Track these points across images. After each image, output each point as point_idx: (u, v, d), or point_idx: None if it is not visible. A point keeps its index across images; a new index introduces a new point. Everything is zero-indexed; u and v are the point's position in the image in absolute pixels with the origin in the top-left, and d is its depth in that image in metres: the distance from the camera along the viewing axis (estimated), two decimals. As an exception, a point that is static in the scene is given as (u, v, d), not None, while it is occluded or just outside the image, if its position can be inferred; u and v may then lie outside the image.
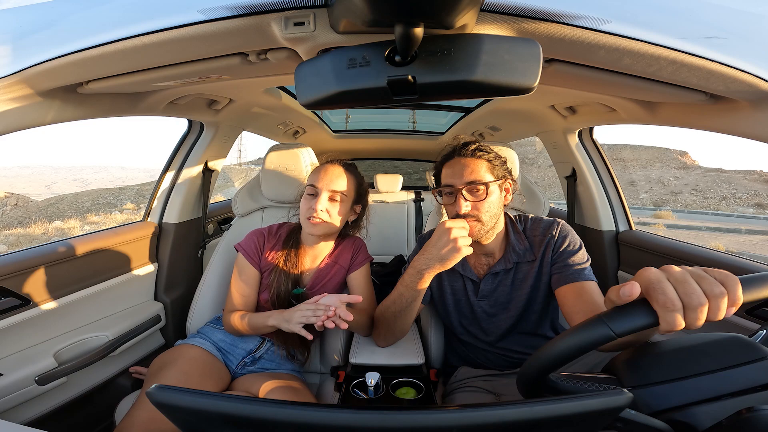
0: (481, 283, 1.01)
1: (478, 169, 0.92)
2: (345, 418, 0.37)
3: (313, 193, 1.05)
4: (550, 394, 0.53)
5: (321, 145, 2.62)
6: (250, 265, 1.09)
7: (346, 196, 1.08)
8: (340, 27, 0.59)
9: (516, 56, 0.52)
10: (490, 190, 0.91)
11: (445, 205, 0.97)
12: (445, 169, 0.97)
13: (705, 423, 0.46)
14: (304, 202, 1.06)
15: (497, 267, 0.99)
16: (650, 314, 0.43)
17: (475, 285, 1.02)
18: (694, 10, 0.59)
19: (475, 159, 0.93)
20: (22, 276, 1.04)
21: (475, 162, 0.93)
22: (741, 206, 22.44)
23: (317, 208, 1.02)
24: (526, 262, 0.98)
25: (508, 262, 0.99)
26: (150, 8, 0.63)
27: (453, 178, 0.93)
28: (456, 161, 0.94)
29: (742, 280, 0.43)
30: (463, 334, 1.08)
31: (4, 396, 0.94)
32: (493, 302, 1.01)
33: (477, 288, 1.01)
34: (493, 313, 1.01)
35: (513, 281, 1.00)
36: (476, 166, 0.92)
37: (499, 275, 1.00)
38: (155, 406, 0.40)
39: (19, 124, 0.81)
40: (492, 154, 0.95)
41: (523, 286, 0.98)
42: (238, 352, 1.10)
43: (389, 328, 1.00)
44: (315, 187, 1.05)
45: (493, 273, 1.00)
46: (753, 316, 0.98)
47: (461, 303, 1.05)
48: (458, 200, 0.90)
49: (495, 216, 0.94)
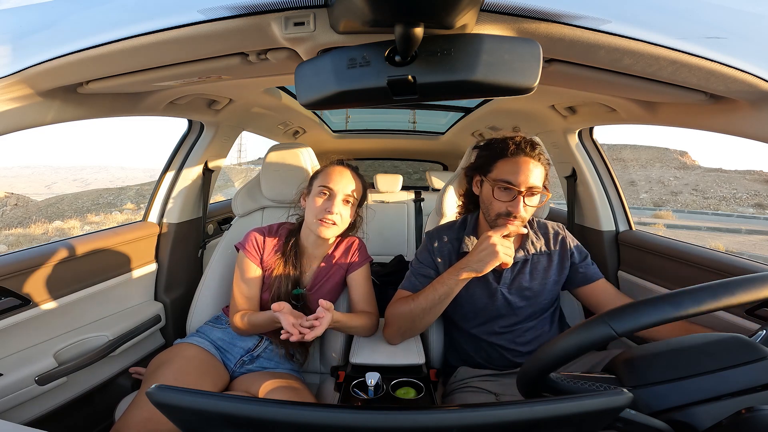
0: (504, 272, 1.02)
1: (541, 175, 0.93)
2: (345, 418, 0.37)
3: (326, 193, 1.04)
4: (550, 393, 0.53)
5: (321, 145, 2.62)
6: (253, 263, 1.09)
7: (356, 199, 1.09)
8: (340, 27, 0.59)
9: (516, 56, 0.52)
10: (542, 199, 0.95)
11: (497, 198, 0.94)
12: (505, 163, 0.94)
13: (705, 423, 0.46)
14: (316, 201, 1.04)
15: (518, 256, 1.01)
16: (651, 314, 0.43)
17: (496, 274, 1.03)
18: (694, 10, 0.59)
19: (540, 163, 0.94)
20: (22, 276, 1.04)
21: (540, 167, 0.93)
22: (741, 206, 22.44)
23: (333, 211, 1.02)
24: (543, 254, 1.03)
25: (527, 253, 1.02)
26: (150, 8, 0.63)
27: (517, 176, 0.91)
28: (523, 160, 0.92)
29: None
30: (472, 321, 1.07)
31: (4, 396, 0.94)
32: (514, 289, 1.02)
33: (498, 276, 1.03)
34: (514, 301, 1.02)
35: (531, 270, 1.02)
36: (541, 172, 0.93)
37: (517, 265, 1.02)
38: (155, 406, 0.40)
39: (19, 124, 0.81)
40: (548, 163, 0.97)
41: (545, 276, 1.02)
42: (236, 350, 1.10)
43: (414, 323, 0.99)
44: (329, 188, 1.03)
45: (514, 262, 1.01)
46: (753, 316, 0.98)
47: (477, 292, 1.04)
48: (518, 202, 0.90)
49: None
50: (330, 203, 1.03)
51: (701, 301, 0.45)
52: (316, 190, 1.05)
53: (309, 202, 1.07)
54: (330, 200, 1.03)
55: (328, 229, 1.03)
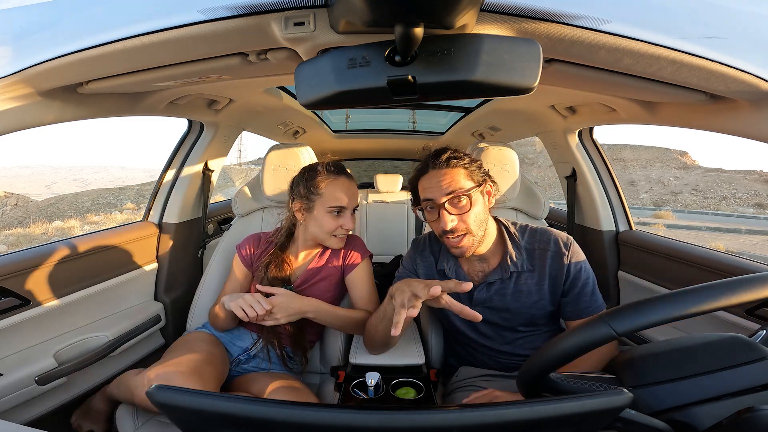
0: (475, 292, 0.96)
1: (456, 178, 0.87)
2: (345, 418, 0.37)
3: (339, 211, 1.04)
4: (550, 393, 0.53)
5: (321, 145, 2.62)
6: (243, 266, 1.13)
7: (358, 206, 1.13)
8: (340, 27, 0.59)
9: (516, 56, 0.52)
10: (473, 199, 0.87)
11: (430, 222, 0.92)
12: (422, 183, 0.91)
13: (705, 423, 0.46)
14: (328, 220, 1.04)
15: (493, 276, 0.95)
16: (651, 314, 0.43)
17: (469, 293, 0.97)
18: (694, 10, 0.59)
19: (450, 168, 0.88)
20: (22, 276, 1.04)
21: (451, 171, 0.87)
22: (741, 206, 22.43)
23: (351, 227, 1.06)
24: (525, 272, 0.94)
25: (504, 272, 0.94)
26: (150, 8, 0.63)
27: (431, 191, 0.88)
28: (432, 174, 0.89)
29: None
30: (462, 337, 1.06)
31: (4, 396, 0.94)
32: (489, 311, 0.97)
33: (471, 296, 0.97)
34: (491, 321, 0.98)
35: (513, 292, 0.95)
36: (454, 176, 0.87)
37: (494, 285, 0.96)
38: (155, 406, 0.40)
39: (19, 124, 0.81)
40: (466, 160, 0.90)
41: (527, 298, 0.94)
42: (234, 349, 1.11)
43: (375, 336, 0.96)
44: (343, 207, 1.04)
45: (488, 282, 0.96)
46: (753, 316, 0.98)
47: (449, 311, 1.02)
48: (442, 216, 0.86)
49: (483, 223, 0.90)
50: (345, 219, 1.05)
51: (701, 301, 0.45)
52: (325, 209, 1.03)
53: (316, 217, 1.05)
54: (345, 217, 1.05)
55: (344, 240, 1.10)
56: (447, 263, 1.00)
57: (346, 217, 1.05)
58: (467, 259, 0.99)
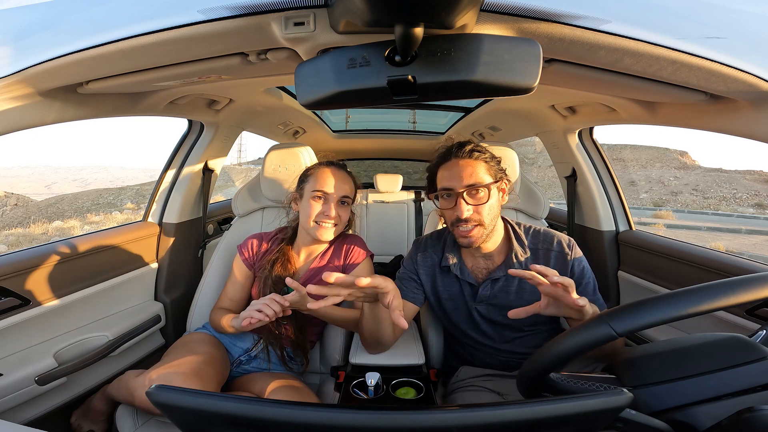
0: (480, 288, 0.98)
1: (477, 170, 0.89)
2: (345, 418, 0.37)
3: (321, 197, 1.04)
4: (550, 393, 0.53)
5: (321, 145, 2.62)
6: (244, 267, 1.12)
7: (351, 199, 1.09)
8: (340, 27, 0.59)
9: (516, 56, 0.52)
10: (491, 193, 0.89)
11: (444, 209, 0.94)
12: (441, 172, 0.94)
13: (705, 423, 0.46)
14: (311, 205, 1.03)
15: (498, 273, 0.97)
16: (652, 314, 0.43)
17: (473, 289, 1.00)
18: (694, 10, 0.59)
19: (473, 160, 0.91)
20: (22, 276, 1.04)
21: (473, 163, 0.90)
22: (741, 206, 22.43)
23: (332, 215, 1.02)
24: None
25: (509, 269, 0.96)
26: (150, 8, 0.63)
27: (452, 180, 0.90)
28: (453, 163, 0.92)
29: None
30: (462, 336, 1.07)
31: (4, 396, 0.94)
32: (492, 308, 0.98)
33: (475, 292, 0.99)
34: (493, 319, 0.99)
35: (517, 290, 0.96)
36: (475, 168, 0.90)
37: (499, 281, 0.97)
38: (155, 406, 0.40)
39: (19, 124, 0.81)
40: (488, 155, 0.93)
41: (531, 297, 0.94)
42: (235, 350, 1.11)
43: (367, 333, 0.96)
44: (324, 192, 1.03)
45: (493, 279, 0.97)
46: (753, 316, 0.98)
47: (459, 307, 1.03)
48: (459, 204, 0.88)
49: (495, 218, 0.92)
50: (327, 206, 1.03)
51: (701, 301, 0.45)
52: (310, 195, 1.04)
53: (303, 205, 1.06)
54: (327, 203, 1.04)
55: (328, 231, 1.04)
56: (452, 259, 1.01)
57: (328, 205, 1.03)
58: (472, 255, 1.00)
